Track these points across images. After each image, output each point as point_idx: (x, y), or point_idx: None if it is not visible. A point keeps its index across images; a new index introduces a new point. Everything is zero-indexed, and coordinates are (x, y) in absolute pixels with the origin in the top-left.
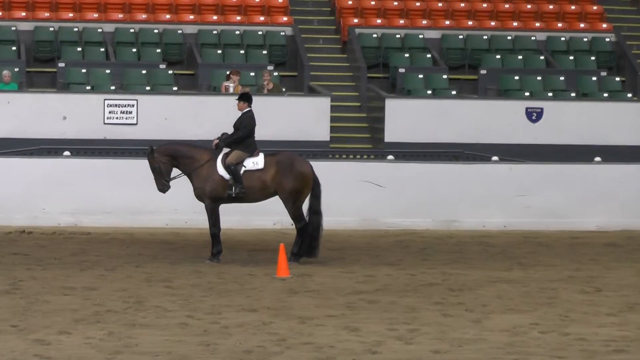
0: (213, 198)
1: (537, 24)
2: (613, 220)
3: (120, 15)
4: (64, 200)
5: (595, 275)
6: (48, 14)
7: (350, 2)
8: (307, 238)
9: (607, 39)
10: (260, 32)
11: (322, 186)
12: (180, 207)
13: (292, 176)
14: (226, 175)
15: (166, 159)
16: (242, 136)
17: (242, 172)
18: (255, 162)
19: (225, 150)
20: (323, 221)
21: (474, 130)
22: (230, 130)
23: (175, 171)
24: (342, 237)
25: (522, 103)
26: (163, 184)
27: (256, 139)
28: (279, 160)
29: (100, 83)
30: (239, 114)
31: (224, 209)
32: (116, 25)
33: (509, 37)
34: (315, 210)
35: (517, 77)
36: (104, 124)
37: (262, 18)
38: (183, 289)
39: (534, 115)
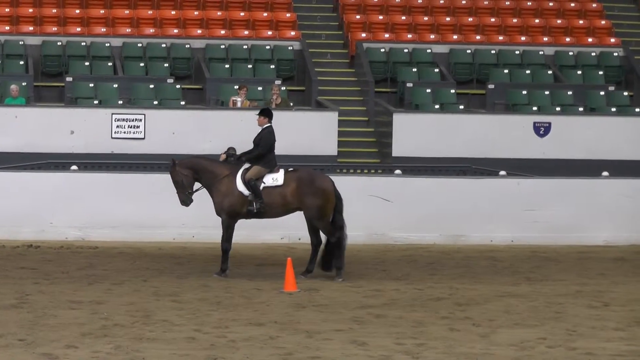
0: (231, 214)
1: (545, 39)
2: (621, 234)
3: (128, 30)
4: (72, 215)
5: (602, 290)
6: (56, 29)
7: (358, 17)
8: (328, 254)
9: (615, 54)
10: (268, 47)
11: None
12: (187, 222)
13: (312, 192)
14: (245, 191)
15: (188, 172)
16: (262, 152)
17: (261, 188)
18: (275, 179)
19: (246, 165)
20: (346, 236)
21: (481, 145)
22: (239, 144)
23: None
24: (349, 251)
25: (530, 118)
26: (185, 197)
27: None
28: (300, 177)
29: (107, 97)
30: (248, 128)
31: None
32: (124, 39)
33: (517, 52)
34: (339, 225)
35: (525, 92)
36: (112, 138)
37: (269, 32)
38: (190, 303)
39: (541, 130)
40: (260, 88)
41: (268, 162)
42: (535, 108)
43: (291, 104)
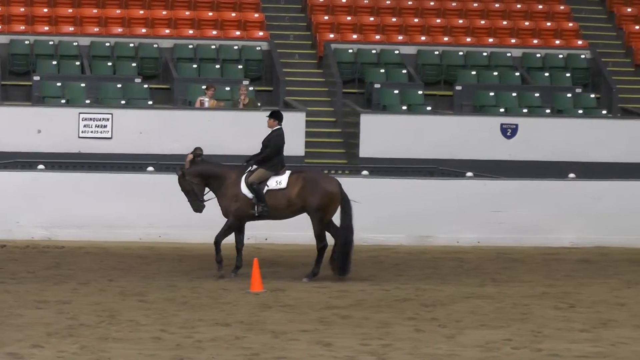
0: (238, 216)
1: (513, 41)
2: (587, 236)
3: (96, 29)
4: (38, 214)
5: (568, 292)
6: (24, 27)
7: (326, 18)
8: (339, 255)
9: (583, 56)
10: (236, 47)
11: None
12: (154, 222)
13: (318, 193)
14: (249, 194)
15: (198, 179)
16: (270, 154)
17: (264, 191)
18: (279, 182)
19: (250, 168)
20: (354, 238)
21: (448, 146)
22: (206, 144)
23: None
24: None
25: (497, 119)
26: (198, 204)
27: (231, 153)
28: (305, 177)
29: (75, 97)
30: (216, 128)
31: (191, 223)
32: (92, 39)
33: (485, 54)
34: (347, 226)
35: (492, 93)
36: (79, 137)
37: (238, 33)
38: (157, 303)
39: (508, 132)
40: (228, 88)
41: (274, 165)
42: (502, 110)
43: (259, 104)
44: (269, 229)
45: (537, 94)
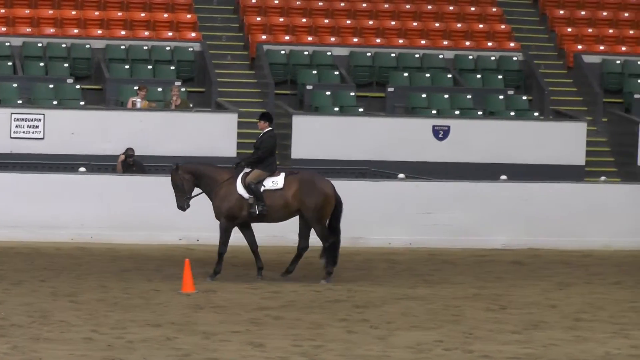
0: (229, 217)
1: (445, 42)
2: (518, 238)
3: (28, 29)
4: None
5: (500, 293)
6: None
7: (258, 19)
8: (328, 254)
9: (515, 58)
10: (168, 48)
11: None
12: (86, 222)
13: (314, 195)
14: (246, 195)
15: (189, 176)
16: (262, 156)
17: (261, 190)
18: (275, 182)
19: (246, 170)
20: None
21: (381, 148)
22: (138, 144)
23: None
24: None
25: (429, 121)
26: (183, 202)
27: (163, 154)
28: (301, 179)
29: (7, 97)
30: (147, 129)
31: (124, 224)
32: (24, 39)
33: (417, 55)
34: (335, 228)
35: (424, 95)
36: (11, 138)
37: (170, 34)
38: (88, 304)
39: (440, 133)
40: (160, 89)
41: (268, 165)
42: (434, 111)
43: (191, 105)
44: (201, 230)
45: (469, 96)
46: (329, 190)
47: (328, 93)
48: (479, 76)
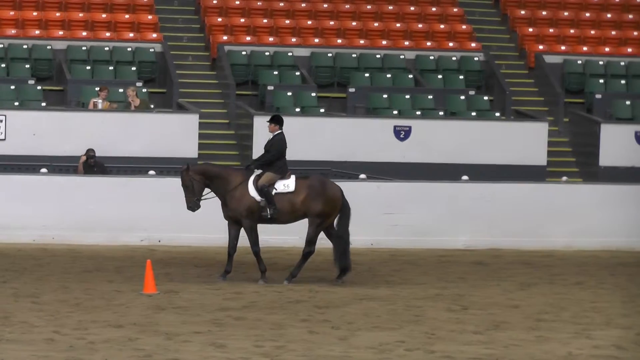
0: (249, 215)
1: (406, 43)
2: (480, 238)
3: None
4: None
5: (462, 294)
6: None
7: (219, 20)
8: (340, 257)
9: (476, 58)
10: (129, 49)
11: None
12: (47, 223)
13: (322, 200)
14: (257, 197)
15: (200, 177)
16: (272, 158)
17: (273, 193)
18: (286, 185)
19: (257, 172)
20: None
21: (342, 148)
22: (99, 145)
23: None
24: (209, 254)
25: (390, 121)
26: (194, 203)
27: (124, 155)
28: (311, 184)
29: None
30: (109, 130)
31: (85, 225)
32: None
33: (378, 56)
34: (345, 230)
35: (385, 96)
36: None
37: (131, 34)
38: (50, 305)
39: (402, 134)
40: (121, 90)
41: (279, 168)
42: (395, 112)
43: (152, 105)
44: (162, 231)
45: (430, 96)
46: (337, 197)
47: (289, 94)
48: (440, 76)
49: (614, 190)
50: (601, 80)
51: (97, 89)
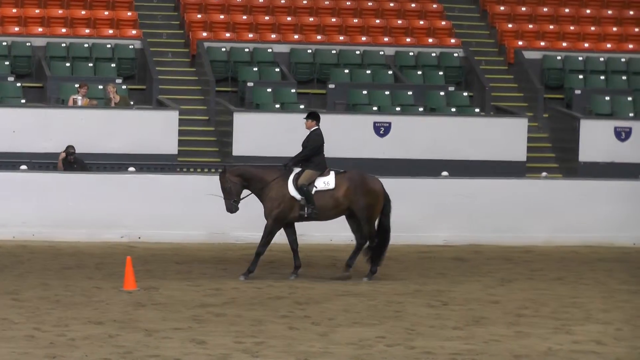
0: (277, 219)
1: (386, 39)
2: (460, 234)
3: None
4: None
5: (442, 289)
6: None
7: (199, 16)
8: (375, 252)
9: (455, 54)
10: (109, 45)
11: (170, 200)
12: (27, 220)
13: (364, 193)
14: (297, 196)
15: (237, 179)
16: (309, 154)
17: (313, 192)
18: (326, 182)
19: (296, 170)
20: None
21: None
22: (79, 142)
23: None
24: (190, 250)
25: (370, 117)
26: (232, 205)
27: (104, 152)
28: (351, 178)
29: None
30: (89, 126)
31: (65, 222)
32: None
33: (358, 52)
34: (384, 228)
35: (365, 92)
36: None
37: (111, 31)
38: (30, 302)
39: (381, 130)
40: (101, 87)
41: (318, 164)
42: (375, 108)
43: (131, 102)
44: (142, 228)
45: (410, 93)
46: (378, 189)
47: (269, 90)
48: (419, 72)
49: (593, 186)
50: (580, 76)
51: (77, 85)
